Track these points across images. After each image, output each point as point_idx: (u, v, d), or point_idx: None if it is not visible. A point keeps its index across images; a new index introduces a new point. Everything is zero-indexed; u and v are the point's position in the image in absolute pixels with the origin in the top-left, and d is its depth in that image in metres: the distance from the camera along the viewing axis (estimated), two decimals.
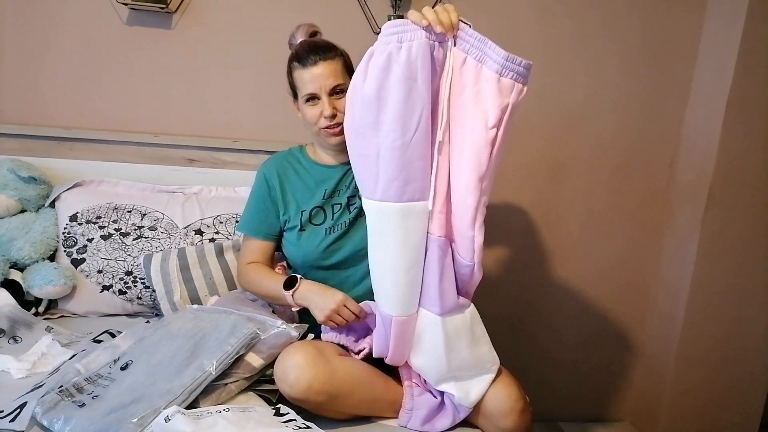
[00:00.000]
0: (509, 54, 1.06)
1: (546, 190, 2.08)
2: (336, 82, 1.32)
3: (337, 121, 1.32)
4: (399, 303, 1.20)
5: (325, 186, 1.41)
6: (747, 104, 1.88)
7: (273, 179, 1.42)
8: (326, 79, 1.31)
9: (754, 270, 2.01)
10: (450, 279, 1.18)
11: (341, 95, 1.31)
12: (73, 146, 1.80)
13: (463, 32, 1.08)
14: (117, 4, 1.75)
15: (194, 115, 1.87)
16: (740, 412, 2.12)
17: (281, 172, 1.43)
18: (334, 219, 1.38)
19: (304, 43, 1.37)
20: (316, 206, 1.39)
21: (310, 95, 1.33)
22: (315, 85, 1.31)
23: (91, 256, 1.65)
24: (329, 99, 1.32)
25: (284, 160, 1.47)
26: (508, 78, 1.07)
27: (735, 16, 1.85)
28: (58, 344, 1.41)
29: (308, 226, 1.39)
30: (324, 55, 1.32)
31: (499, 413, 1.21)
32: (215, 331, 1.23)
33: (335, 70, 1.32)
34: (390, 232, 1.16)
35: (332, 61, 1.32)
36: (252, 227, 1.44)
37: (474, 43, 1.08)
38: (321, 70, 1.31)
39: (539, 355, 2.22)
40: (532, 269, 2.14)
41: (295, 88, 1.37)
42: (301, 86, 1.34)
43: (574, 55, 1.98)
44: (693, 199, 2.00)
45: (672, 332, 2.09)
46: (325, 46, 1.35)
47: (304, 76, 1.32)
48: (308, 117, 1.35)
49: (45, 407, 1.08)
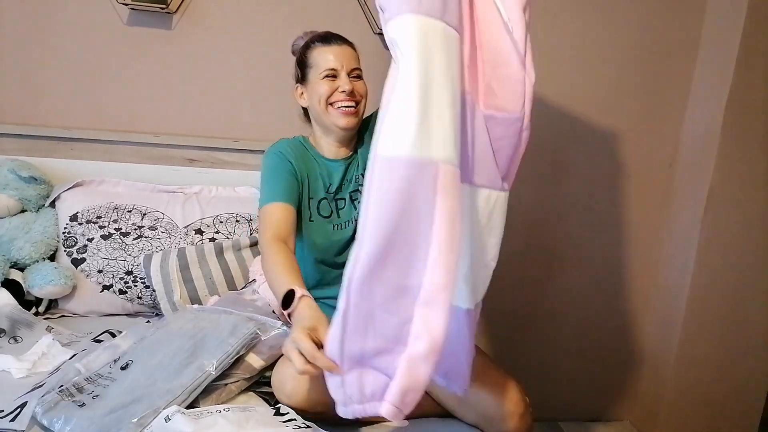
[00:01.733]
0: None
1: (546, 190, 2.08)
2: (356, 65, 1.39)
3: (353, 100, 1.36)
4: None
5: (331, 179, 1.43)
6: (747, 104, 1.88)
7: (291, 156, 1.39)
8: (349, 59, 1.37)
9: (754, 270, 2.01)
10: (482, 145, 1.01)
11: (357, 80, 1.38)
12: (73, 146, 1.80)
13: None
14: (117, 5, 1.75)
15: (194, 115, 1.87)
16: (740, 412, 2.12)
17: (297, 153, 1.40)
18: (340, 216, 1.41)
19: (319, 32, 1.43)
20: (323, 198, 1.41)
21: (331, 70, 1.35)
22: (338, 62, 1.35)
23: (92, 256, 1.65)
24: (348, 78, 1.36)
25: (293, 144, 1.43)
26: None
27: (735, 16, 1.85)
28: (58, 344, 1.41)
29: (317, 217, 1.40)
30: (345, 41, 1.40)
31: (500, 416, 1.21)
32: (215, 331, 1.23)
33: (355, 56, 1.40)
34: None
35: (351, 48, 1.41)
36: (279, 193, 1.32)
37: None
38: (344, 50, 1.38)
39: (539, 355, 2.22)
40: (532, 269, 2.14)
41: (306, 69, 1.39)
42: (322, 62, 1.36)
43: (574, 54, 1.98)
44: (693, 199, 2.00)
45: (672, 332, 2.09)
46: (343, 35, 1.42)
47: (327, 53, 1.36)
48: (323, 92, 1.35)
49: (45, 407, 1.08)
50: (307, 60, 1.39)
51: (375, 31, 1.86)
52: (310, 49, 1.39)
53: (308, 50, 1.39)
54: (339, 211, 1.42)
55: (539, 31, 1.95)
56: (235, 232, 1.73)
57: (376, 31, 1.85)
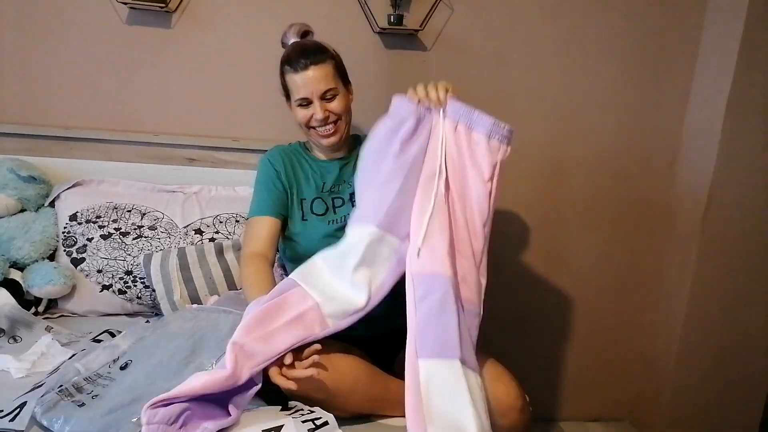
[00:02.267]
0: (495, 119, 1.22)
1: (546, 191, 2.08)
2: (327, 87, 1.36)
3: (330, 121, 1.38)
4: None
5: (324, 179, 1.47)
6: (747, 104, 1.88)
7: (278, 164, 1.47)
8: (318, 84, 1.35)
9: (754, 270, 2.01)
10: (465, 325, 1.17)
11: (333, 98, 1.37)
12: (73, 146, 1.80)
13: (452, 104, 1.24)
14: (117, 4, 1.75)
15: (194, 114, 1.87)
16: (740, 412, 2.12)
17: (285, 159, 1.48)
18: (336, 212, 1.44)
19: (295, 45, 1.40)
20: (316, 197, 1.45)
21: (302, 99, 1.37)
22: (307, 89, 1.36)
23: (91, 256, 1.65)
24: (321, 102, 1.36)
25: (286, 150, 1.52)
26: (496, 140, 1.22)
27: (735, 16, 1.85)
28: (57, 344, 1.41)
29: (310, 216, 1.43)
30: (315, 59, 1.35)
31: (498, 411, 1.21)
32: (215, 331, 1.23)
33: (326, 74, 1.36)
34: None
35: (323, 64, 1.36)
36: (266, 207, 1.42)
37: (462, 112, 1.23)
38: (312, 74, 1.34)
39: (539, 355, 2.22)
40: (532, 269, 2.14)
41: (285, 90, 1.42)
42: (294, 90, 1.38)
43: (573, 55, 1.98)
44: (693, 199, 2.00)
45: (672, 332, 2.09)
46: (316, 49, 1.37)
47: (296, 80, 1.36)
48: (299, 118, 1.41)
49: (44, 407, 1.08)
50: (284, 82, 1.41)
51: (375, 31, 1.85)
52: (284, 73, 1.39)
53: (283, 73, 1.40)
54: (336, 209, 1.45)
55: (539, 31, 1.95)
56: (235, 232, 1.73)
57: (376, 30, 1.85)
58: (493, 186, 1.23)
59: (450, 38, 1.91)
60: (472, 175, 1.23)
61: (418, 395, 1.05)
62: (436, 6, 1.85)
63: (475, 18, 1.91)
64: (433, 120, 1.24)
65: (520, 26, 1.93)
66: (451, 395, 1.06)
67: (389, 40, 1.89)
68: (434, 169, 1.22)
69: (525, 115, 2.01)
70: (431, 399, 1.06)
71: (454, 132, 1.24)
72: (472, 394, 1.08)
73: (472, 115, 1.23)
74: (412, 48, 1.90)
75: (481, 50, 1.93)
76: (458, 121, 1.24)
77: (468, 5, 1.90)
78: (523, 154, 2.03)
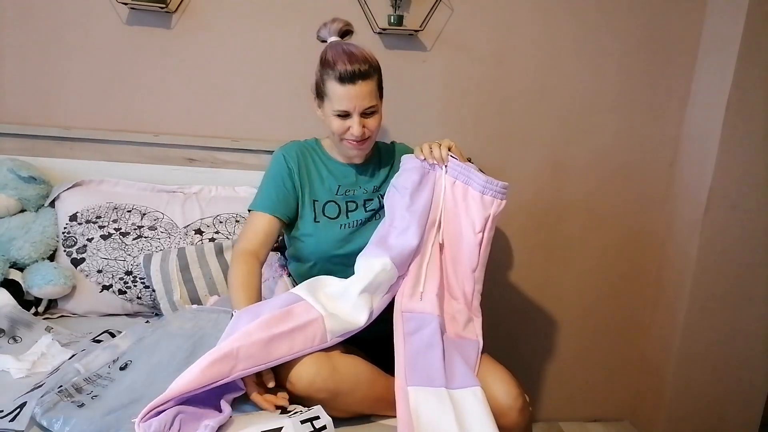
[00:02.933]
0: (488, 177, 1.37)
1: (546, 190, 2.08)
2: (370, 104, 1.34)
3: (364, 137, 1.37)
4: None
5: (339, 182, 1.46)
6: (747, 104, 1.88)
7: (292, 162, 1.44)
8: (362, 100, 1.32)
9: (754, 270, 2.01)
10: (452, 354, 1.25)
11: (371, 115, 1.36)
12: (73, 146, 1.80)
13: (452, 162, 1.40)
14: (117, 4, 1.75)
15: (194, 115, 1.87)
16: (740, 412, 2.12)
17: (300, 157, 1.46)
18: (349, 217, 1.44)
19: (342, 52, 1.32)
20: (330, 200, 1.44)
21: (343, 111, 1.33)
22: (350, 104, 1.32)
23: (91, 256, 1.65)
24: (360, 119, 1.33)
25: (303, 147, 1.49)
26: (489, 195, 1.37)
27: (735, 15, 1.85)
28: (57, 344, 1.40)
29: (322, 218, 1.42)
30: (364, 74, 1.31)
31: (498, 411, 1.21)
32: (214, 331, 1.23)
33: (371, 91, 1.33)
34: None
35: (370, 80, 1.33)
36: (269, 204, 1.40)
37: (461, 170, 1.39)
38: (359, 89, 1.31)
39: (539, 355, 2.22)
40: (532, 269, 2.14)
41: (321, 93, 1.36)
42: (334, 99, 1.33)
43: (574, 55, 1.98)
44: (693, 199, 2.00)
45: (672, 332, 2.09)
46: (364, 61, 1.31)
47: (339, 91, 1.31)
48: (334, 128, 1.37)
49: (44, 407, 1.08)
50: (323, 86, 1.35)
51: (375, 31, 1.85)
52: (326, 79, 1.33)
53: (325, 76, 1.33)
54: (349, 213, 1.44)
55: (539, 31, 1.95)
56: (235, 232, 1.73)
57: (376, 30, 1.85)
58: (485, 237, 1.37)
59: (450, 38, 1.91)
60: (465, 225, 1.38)
61: (408, 416, 1.12)
62: (436, 6, 1.85)
63: (475, 18, 1.91)
64: (436, 174, 1.41)
65: (520, 26, 1.93)
66: (439, 420, 1.12)
67: (389, 40, 1.89)
68: (435, 219, 1.38)
69: (525, 115, 2.01)
70: (420, 419, 1.12)
71: (453, 186, 1.40)
72: (468, 414, 1.12)
73: (468, 173, 1.38)
74: (412, 48, 1.90)
75: (481, 50, 1.94)
76: (456, 178, 1.40)
77: (468, 5, 1.90)
78: (523, 154, 2.04)
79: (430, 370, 1.20)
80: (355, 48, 1.34)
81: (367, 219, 1.45)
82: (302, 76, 1.88)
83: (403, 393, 1.16)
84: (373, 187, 1.50)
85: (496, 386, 1.24)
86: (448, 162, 1.40)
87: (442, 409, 1.13)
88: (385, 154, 1.56)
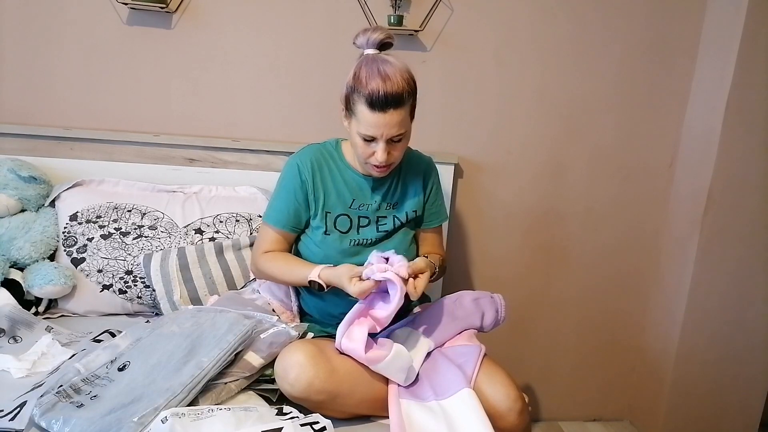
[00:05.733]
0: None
1: (546, 190, 2.08)
2: (399, 131, 1.26)
3: (388, 163, 1.30)
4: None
5: (354, 195, 1.40)
6: (747, 104, 1.88)
7: (306, 172, 1.38)
8: (390, 129, 1.24)
9: (754, 270, 2.01)
10: (442, 364, 1.31)
11: (399, 141, 1.28)
12: (73, 146, 1.80)
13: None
14: (117, 4, 1.75)
15: (194, 115, 1.87)
16: (740, 412, 2.13)
17: (315, 167, 1.39)
18: (360, 233, 1.40)
19: (376, 75, 1.21)
20: (343, 213, 1.40)
21: (369, 136, 1.26)
22: (378, 131, 1.24)
23: (91, 256, 1.66)
24: (386, 145, 1.26)
25: (319, 153, 1.41)
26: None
27: (735, 16, 1.85)
28: (58, 344, 1.41)
29: (333, 231, 1.39)
30: (396, 103, 1.22)
31: (497, 413, 1.21)
32: (213, 329, 1.23)
33: (402, 119, 1.25)
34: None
35: (402, 109, 1.24)
36: (281, 219, 1.40)
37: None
38: (388, 120, 1.23)
39: (539, 355, 2.22)
40: (532, 269, 2.14)
41: (350, 111, 1.28)
42: (362, 123, 1.25)
43: (573, 55, 1.98)
44: (692, 199, 2.00)
45: (672, 332, 2.09)
46: (398, 86, 1.21)
47: (368, 117, 1.23)
48: (359, 150, 1.31)
49: (43, 408, 1.08)
50: (352, 104, 1.26)
51: None
52: (356, 99, 1.24)
53: (355, 95, 1.24)
54: (360, 228, 1.40)
55: (539, 31, 1.95)
56: (235, 232, 1.73)
57: None
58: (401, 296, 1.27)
59: (450, 38, 1.91)
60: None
61: (401, 419, 1.16)
62: (436, 6, 1.85)
63: (475, 18, 1.91)
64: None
65: (520, 26, 1.94)
66: (433, 430, 1.15)
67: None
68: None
69: (525, 115, 2.01)
70: (413, 426, 1.16)
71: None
72: (458, 419, 1.14)
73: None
74: (412, 48, 1.90)
75: (481, 50, 1.94)
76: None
77: (468, 5, 1.90)
78: (523, 154, 2.04)
79: (419, 391, 1.26)
80: (391, 68, 1.22)
81: (378, 239, 1.41)
82: (303, 76, 1.89)
83: (395, 401, 1.21)
84: (387, 201, 1.44)
85: (494, 389, 1.24)
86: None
87: (435, 419, 1.16)
88: (404, 164, 1.46)
